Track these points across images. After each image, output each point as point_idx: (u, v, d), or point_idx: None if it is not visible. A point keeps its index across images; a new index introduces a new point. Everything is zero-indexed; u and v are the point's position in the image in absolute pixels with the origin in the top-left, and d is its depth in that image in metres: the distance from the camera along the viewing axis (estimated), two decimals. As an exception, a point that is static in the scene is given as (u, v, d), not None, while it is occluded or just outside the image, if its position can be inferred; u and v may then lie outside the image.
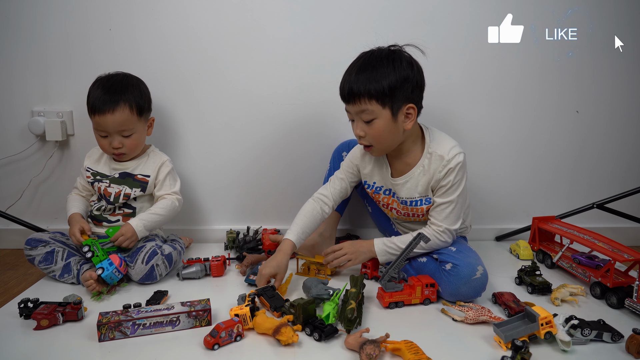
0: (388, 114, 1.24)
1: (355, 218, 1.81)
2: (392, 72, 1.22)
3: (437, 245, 1.34)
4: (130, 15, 1.61)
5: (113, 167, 1.49)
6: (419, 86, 1.27)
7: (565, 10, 1.65)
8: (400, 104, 1.24)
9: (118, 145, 1.42)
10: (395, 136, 1.29)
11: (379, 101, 1.22)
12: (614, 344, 1.06)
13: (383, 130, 1.26)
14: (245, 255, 1.54)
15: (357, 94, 1.23)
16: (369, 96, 1.22)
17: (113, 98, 1.38)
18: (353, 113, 1.28)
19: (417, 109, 1.28)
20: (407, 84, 1.23)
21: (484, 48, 1.67)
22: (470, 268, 1.24)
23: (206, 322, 1.13)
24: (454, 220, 1.33)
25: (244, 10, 1.62)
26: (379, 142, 1.29)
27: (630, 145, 1.79)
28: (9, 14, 1.59)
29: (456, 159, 1.29)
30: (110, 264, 1.30)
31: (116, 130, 1.40)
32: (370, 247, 1.38)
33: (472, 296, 1.24)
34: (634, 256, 1.25)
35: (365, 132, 1.28)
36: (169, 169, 1.51)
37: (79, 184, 1.54)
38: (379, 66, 1.23)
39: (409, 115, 1.26)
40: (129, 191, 1.46)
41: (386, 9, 1.63)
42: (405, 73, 1.22)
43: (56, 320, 1.12)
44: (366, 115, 1.25)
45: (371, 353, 0.95)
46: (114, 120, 1.38)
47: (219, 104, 1.69)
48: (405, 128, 1.28)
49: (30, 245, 1.37)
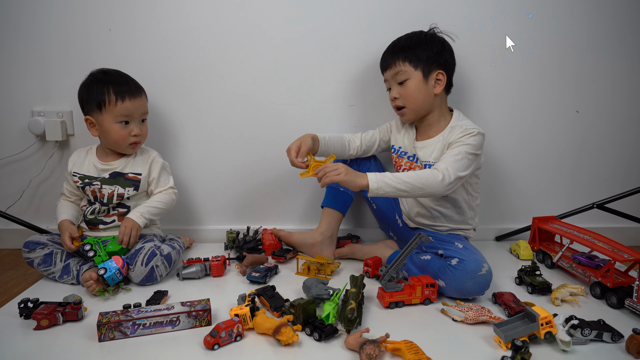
0: (419, 75, 1.41)
1: (356, 218, 1.81)
2: (424, 42, 1.42)
3: (434, 181, 1.25)
4: (130, 15, 1.61)
5: (101, 167, 1.47)
6: (448, 60, 1.44)
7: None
8: (431, 68, 1.41)
9: (138, 132, 1.45)
10: (425, 98, 1.42)
11: (412, 63, 1.40)
12: (614, 344, 1.06)
13: (414, 89, 1.41)
14: (245, 255, 1.54)
15: (394, 58, 1.43)
16: (403, 58, 1.41)
17: (136, 84, 1.46)
18: (389, 78, 1.46)
19: (446, 77, 1.42)
20: (438, 54, 1.41)
21: (484, 48, 1.67)
22: (477, 264, 1.25)
23: (206, 322, 1.13)
24: (458, 167, 1.29)
25: (244, 10, 1.62)
26: (410, 101, 1.43)
27: (630, 145, 1.79)
28: (9, 14, 1.59)
29: (472, 129, 1.36)
30: (112, 265, 1.30)
31: (140, 115, 1.45)
32: (364, 175, 1.27)
33: (476, 292, 1.24)
34: (634, 256, 1.25)
35: (399, 93, 1.43)
36: (160, 164, 1.51)
37: (65, 190, 1.52)
38: (413, 38, 1.44)
39: (439, 81, 1.42)
40: (122, 191, 1.45)
41: (386, 9, 1.63)
42: (436, 45, 1.42)
43: (56, 320, 1.12)
44: (400, 76, 1.42)
45: (371, 353, 0.95)
46: (142, 104, 1.46)
47: (219, 103, 1.69)
48: (435, 92, 1.42)
49: (28, 248, 1.37)
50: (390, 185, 1.25)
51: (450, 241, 1.39)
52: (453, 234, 1.48)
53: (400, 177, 1.26)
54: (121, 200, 1.46)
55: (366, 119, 1.69)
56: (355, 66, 1.66)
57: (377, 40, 1.51)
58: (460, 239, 1.42)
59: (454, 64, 1.47)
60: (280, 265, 1.53)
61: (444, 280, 1.27)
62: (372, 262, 1.42)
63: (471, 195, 1.47)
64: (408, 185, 1.25)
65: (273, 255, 1.56)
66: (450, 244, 1.37)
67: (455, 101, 1.70)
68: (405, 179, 1.25)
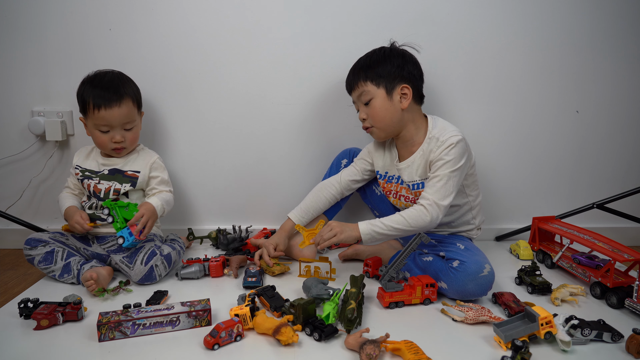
0: (383, 93, 1.37)
1: (356, 219, 1.80)
2: (383, 59, 1.39)
3: (423, 222, 1.29)
4: (130, 15, 1.61)
5: (102, 163, 1.49)
6: (412, 72, 1.39)
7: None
8: (394, 84, 1.37)
9: (120, 139, 1.44)
10: (393, 115, 1.38)
11: (373, 82, 1.38)
12: (614, 344, 1.06)
13: (380, 108, 1.38)
14: (229, 258, 1.50)
15: (355, 80, 1.41)
16: (364, 78, 1.39)
17: (118, 92, 1.42)
18: (355, 100, 1.45)
19: (412, 90, 1.38)
20: (399, 68, 1.37)
21: (484, 48, 1.67)
22: (478, 265, 1.24)
23: (206, 322, 1.13)
24: (443, 195, 1.31)
25: (244, 10, 1.62)
26: (377, 120, 1.40)
27: (630, 145, 1.79)
28: (8, 14, 1.59)
29: (450, 139, 1.32)
30: (129, 233, 1.34)
31: (120, 124, 1.43)
32: (355, 226, 1.34)
33: (478, 294, 1.24)
34: (634, 256, 1.25)
35: (367, 113, 1.41)
36: (163, 167, 1.54)
37: (70, 183, 1.54)
38: (372, 56, 1.42)
39: (405, 95, 1.38)
40: (119, 186, 1.46)
41: (386, 9, 1.63)
42: (396, 59, 1.39)
43: (56, 320, 1.12)
44: (364, 97, 1.39)
45: (371, 353, 0.95)
46: (120, 113, 1.41)
47: (218, 103, 1.69)
48: (402, 107, 1.38)
49: (29, 245, 1.37)
50: (380, 233, 1.32)
51: (452, 242, 1.39)
52: (455, 234, 1.48)
53: (390, 224, 1.31)
54: (118, 195, 1.46)
55: (366, 119, 1.69)
56: (355, 66, 1.66)
57: (378, 40, 1.51)
58: (463, 240, 1.41)
59: (419, 74, 1.42)
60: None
61: (446, 282, 1.26)
62: (372, 262, 1.42)
63: (470, 195, 1.46)
64: (398, 230, 1.31)
65: (251, 257, 1.54)
66: (452, 245, 1.37)
67: (455, 101, 1.70)
68: (395, 225, 1.31)
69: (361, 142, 1.67)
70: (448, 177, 1.31)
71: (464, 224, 1.48)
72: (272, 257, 1.46)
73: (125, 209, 1.39)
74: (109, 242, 1.45)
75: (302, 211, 1.54)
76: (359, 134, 1.66)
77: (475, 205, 1.48)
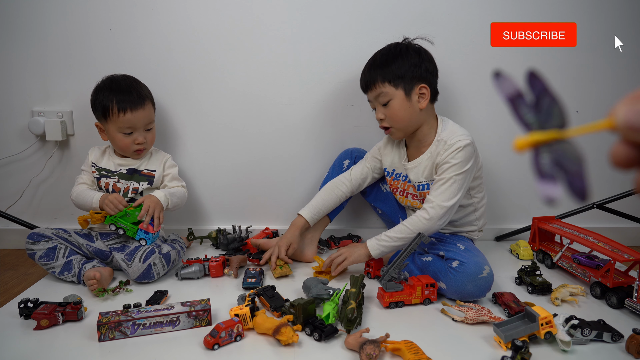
0: (402, 94, 1.36)
1: (356, 218, 1.81)
2: (400, 58, 1.36)
3: (422, 224, 1.31)
4: (130, 15, 1.61)
5: (118, 163, 1.52)
6: (428, 69, 1.38)
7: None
8: (412, 84, 1.36)
9: (143, 141, 1.47)
10: (411, 115, 1.38)
11: (392, 83, 1.35)
12: (614, 344, 1.06)
13: (399, 109, 1.36)
14: (229, 258, 1.50)
15: (372, 81, 1.38)
16: (382, 80, 1.36)
17: (140, 94, 1.46)
18: (372, 100, 1.42)
19: (430, 90, 1.37)
20: (416, 67, 1.36)
21: (485, 48, 1.66)
22: (478, 266, 1.24)
23: (206, 322, 1.13)
24: (447, 197, 1.31)
25: (244, 10, 1.62)
26: (396, 122, 1.39)
27: (630, 145, 1.78)
28: (8, 14, 1.59)
29: (457, 143, 1.33)
30: (145, 232, 1.37)
31: (143, 125, 1.47)
32: (364, 245, 1.39)
33: (477, 295, 1.24)
34: (634, 256, 1.25)
35: (385, 114, 1.39)
36: (175, 165, 1.58)
37: (87, 180, 1.53)
38: (388, 55, 1.38)
39: (423, 95, 1.37)
40: (137, 185, 1.50)
41: (386, 9, 1.63)
42: (412, 58, 1.36)
43: (56, 320, 1.12)
44: (382, 98, 1.37)
45: (371, 353, 0.95)
46: (144, 115, 1.46)
47: (219, 103, 1.69)
48: (420, 107, 1.37)
49: (32, 239, 1.37)
50: (387, 246, 1.35)
51: (453, 242, 1.39)
52: (456, 234, 1.48)
53: (394, 235, 1.34)
54: (135, 194, 1.49)
55: (366, 119, 1.68)
56: (356, 66, 1.64)
57: (378, 40, 1.51)
58: (463, 240, 1.41)
59: (435, 71, 1.41)
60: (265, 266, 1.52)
61: (445, 283, 1.26)
62: (374, 264, 1.42)
63: (474, 197, 1.46)
64: (403, 240, 1.34)
65: (251, 258, 1.54)
66: (452, 245, 1.37)
67: (455, 101, 1.70)
68: (399, 235, 1.34)
69: (362, 142, 1.67)
70: (453, 180, 1.31)
71: (467, 224, 1.48)
72: (282, 259, 1.45)
73: (126, 215, 1.39)
74: (112, 238, 1.46)
75: (314, 208, 1.52)
76: (360, 134, 1.66)
77: (480, 207, 1.48)
